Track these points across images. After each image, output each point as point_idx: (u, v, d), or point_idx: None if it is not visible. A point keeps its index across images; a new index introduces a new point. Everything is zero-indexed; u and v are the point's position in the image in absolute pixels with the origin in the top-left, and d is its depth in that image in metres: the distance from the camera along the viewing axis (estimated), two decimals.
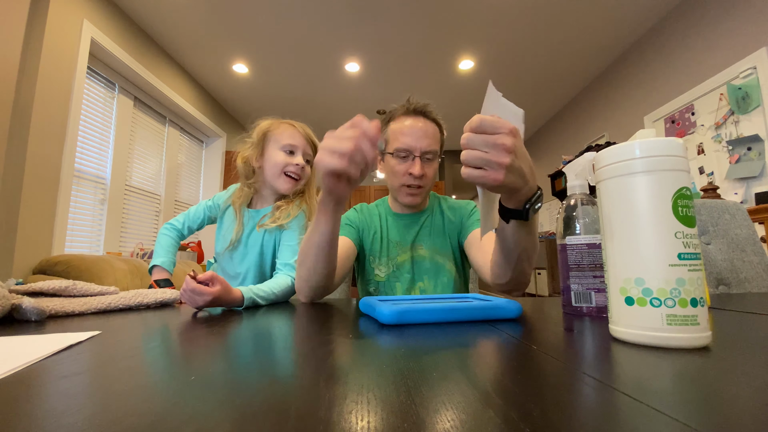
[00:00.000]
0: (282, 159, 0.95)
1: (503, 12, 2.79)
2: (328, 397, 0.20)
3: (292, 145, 0.96)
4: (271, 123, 1.00)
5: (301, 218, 0.98)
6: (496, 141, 0.45)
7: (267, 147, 0.97)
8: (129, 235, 2.90)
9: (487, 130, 0.46)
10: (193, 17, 2.82)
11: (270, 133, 0.98)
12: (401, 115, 0.92)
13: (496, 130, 0.45)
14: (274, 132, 0.97)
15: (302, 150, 0.97)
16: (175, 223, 1.06)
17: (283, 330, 0.45)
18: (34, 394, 0.21)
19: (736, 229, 1.05)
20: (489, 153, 0.46)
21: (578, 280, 0.50)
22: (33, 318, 0.48)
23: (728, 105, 2.30)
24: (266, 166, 0.97)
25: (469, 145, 0.46)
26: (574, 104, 4.17)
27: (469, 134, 0.46)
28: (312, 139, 1.01)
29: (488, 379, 0.23)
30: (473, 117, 0.46)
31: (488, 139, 0.45)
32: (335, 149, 0.49)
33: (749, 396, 0.19)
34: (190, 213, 1.06)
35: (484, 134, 0.46)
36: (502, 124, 0.46)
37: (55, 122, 2.15)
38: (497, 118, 0.46)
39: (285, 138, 0.96)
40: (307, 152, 0.99)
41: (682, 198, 0.31)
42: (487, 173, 0.46)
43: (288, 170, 0.95)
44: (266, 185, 1.00)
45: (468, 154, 0.47)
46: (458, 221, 0.96)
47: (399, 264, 0.93)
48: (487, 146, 0.46)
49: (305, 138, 0.99)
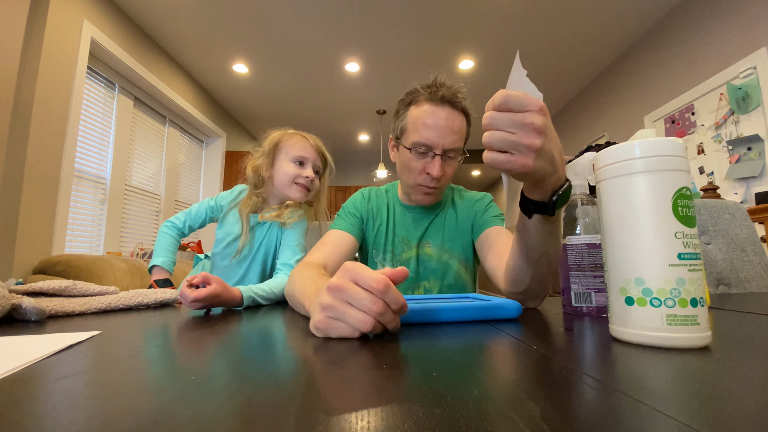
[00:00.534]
0: (292, 170, 0.96)
1: (503, 12, 2.79)
2: (327, 397, 0.20)
3: (303, 157, 0.97)
4: (282, 134, 1.01)
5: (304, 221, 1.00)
6: (524, 120, 0.39)
7: (277, 158, 0.98)
8: (129, 235, 2.89)
9: (513, 107, 0.39)
10: (193, 17, 2.82)
11: (281, 144, 0.99)
12: (425, 101, 0.80)
13: (525, 107, 0.39)
14: (286, 143, 0.99)
15: (312, 162, 0.98)
16: (175, 221, 1.04)
17: (283, 330, 0.45)
18: (34, 394, 0.21)
19: (736, 229, 1.05)
20: (517, 134, 0.39)
21: (578, 280, 0.50)
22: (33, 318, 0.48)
23: (728, 105, 2.30)
24: (276, 176, 0.98)
25: (493, 125, 0.40)
26: (574, 104, 4.16)
27: (492, 113, 0.40)
28: (322, 151, 1.02)
29: (488, 379, 0.23)
30: (497, 93, 0.40)
31: (516, 118, 0.39)
32: (345, 319, 0.35)
33: (749, 396, 0.19)
34: (192, 211, 1.05)
35: (511, 112, 0.39)
36: (531, 100, 0.39)
37: (55, 122, 2.14)
38: (525, 94, 0.40)
39: (296, 150, 0.97)
40: (317, 165, 1.00)
41: (682, 198, 0.31)
42: (515, 158, 0.40)
43: (298, 181, 0.96)
44: (274, 195, 1.01)
45: (492, 135, 0.40)
46: (471, 216, 0.89)
47: (403, 261, 0.89)
48: (514, 126, 0.39)
49: (316, 150, 1.00)
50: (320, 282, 0.50)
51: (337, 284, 0.35)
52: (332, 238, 0.85)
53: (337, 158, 6.36)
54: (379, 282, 0.34)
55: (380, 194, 0.96)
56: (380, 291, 0.34)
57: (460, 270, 0.89)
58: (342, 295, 0.35)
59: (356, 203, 0.94)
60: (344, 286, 0.35)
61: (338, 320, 0.35)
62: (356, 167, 6.59)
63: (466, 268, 0.90)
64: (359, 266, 0.36)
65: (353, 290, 0.35)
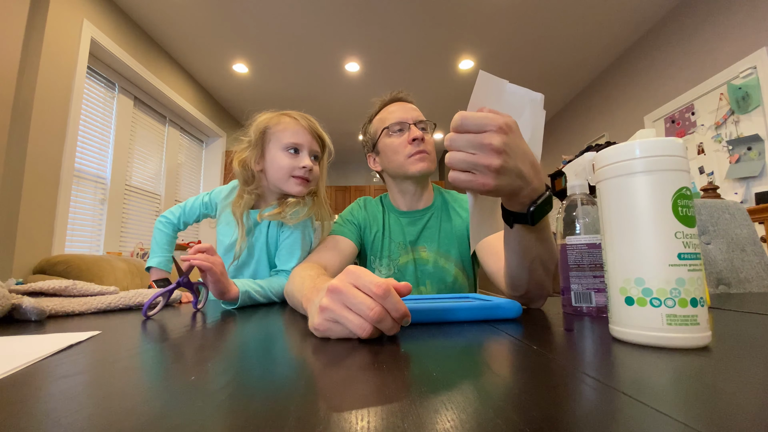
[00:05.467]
0: (287, 162, 0.83)
1: (503, 12, 2.79)
2: (327, 397, 0.20)
3: (297, 143, 0.83)
4: (269, 118, 0.87)
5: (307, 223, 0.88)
6: (482, 141, 0.39)
7: (267, 147, 0.85)
8: (129, 235, 2.89)
9: (470, 128, 0.40)
10: (193, 17, 2.82)
11: (270, 131, 0.85)
12: (381, 107, 0.94)
13: (482, 128, 0.40)
14: (275, 129, 0.85)
15: (308, 148, 0.85)
16: (170, 216, 0.98)
17: (283, 330, 0.45)
18: (34, 394, 0.21)
19: (736, 228, 1.05)
20: (476, 155, 0.40)
21: (578, 280, 0.50)
22: (33, 318, 0.48)
23: (728, 105, 2.30)
24: (269, 170, 0.85)
25: (452, 146, 0.41)
26: (574, 104, 4.16)
27: (452, 134, 0.41)
28: (318, 132, 0.88)
29: (488, 379, 0.23)
30: (456, 114, 0.41)
31: (473, 139, 0.40)
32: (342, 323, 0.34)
33: (749, 396, 0.19)
34: (186, 207, 0.98)
35: (468, 133, 0.40)
36: (490, 120, 0.40)
37: (55, 122, 2.14)
38: (485, 114, 0.40)
39: (288, 136, 0.83)
40: (314, 149, 0.86)
41: (682, 198, 0.31)
42: (475, 177, 0.41)
43: (294, 174, 0.83)
44: (271, 190, 0.88)
45: (453, 156, 0.41)
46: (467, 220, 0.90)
47: (401, 266, 0.90)
48: (473, 147, 0.40)
49: (310, 132, 0.86)
50: (319, 282, 0.50)
51: (337, 287, 0.35)
52: (332, 243, 0.86)
53: (337, 158, 6.34)
54: (379, 286, 0.33)
55: (375, 203, 0.99)
56: (379, 296, 0.33)
57: (457, 274, 0.89)
58: (341, 297, 0.34)
59: (353, 211, 0.96)
60: (344, 289, 0.34)
61: (336, 323, 0.35)
62: (356, 167, 6.59)
63: (464, 271, 0.90)
64: (362, 270, 0.35)
65: (352, 293, 0.34)
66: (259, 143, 0.85)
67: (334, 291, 0.35)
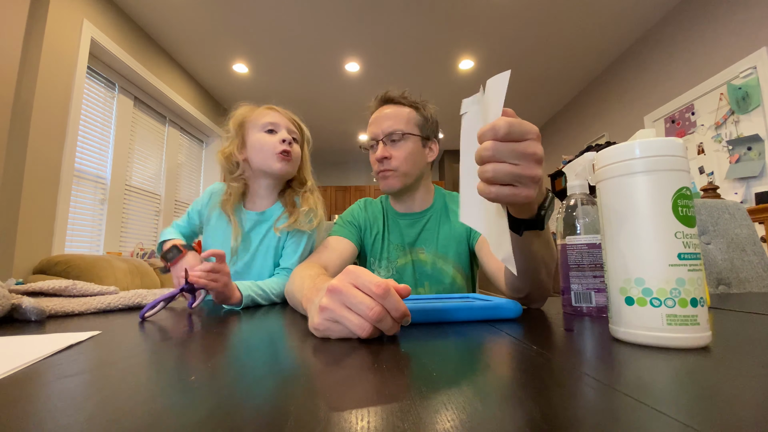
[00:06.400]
0: (266, 140, 0.84)
1: (503, 12, 2.79)
2: (327, 397, 0.20)
3: (273, 123, 0.86)
4: (247, 110, 0.90)
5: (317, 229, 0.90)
6: (526, 150, 0.36)
7: (247, 135, 0.87)
8: (129, 235, 2.89)
9: (515, 137, 0.36)
10: (193, 17, 2.82)
11: (247, 122, 0.88)
12: (373, 110, 0.92)
13: (524, 135, 0.37)
14: (251, 117, 0.88)
15: (285, 127, 0.87)
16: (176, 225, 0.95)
17: (283, 330, 0.45)
18: (34, 394, 0.21)
19: (736, 228, 1.05)
20: (520, 165, 0.37)
21: (578, 280, 0.50)
22: (33, 318, 0.48)
23: (728, 105, 2.30)
24: (251, 154, 0.86)
25: (495, 156, 0.37)
26: (574, 104, 4.16)
27: (494, 143, 0.36)
28: (294, 119, 0.91)
29: (488, 379, 0.23)
30: (497, 121, 0.36)
31: (517, 148, 0.36)
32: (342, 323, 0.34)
33: (749, 396, 0.19)
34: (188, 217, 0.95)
35: (513, 142, 0.36)
36: (530, 128, 0.37)
37: (55, 122, 2.14)
38: (520, 120, 0.37)
39: (263, 118, 0.86)
40: (292, 129, 0.88)
41: (682, 198, 0.31)
42: (518, 190, 0.37)
43: (275, 150, 0.84)
44: (258, 179, 0.89)
45: (497, 169, 0.36)
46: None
47: (400, 268, 0.90)
48: (516, 157, 0.37)
49: (285, 116, 0.89)
50: (319, 282, 0.50)
51: (336, 286, 0.34)
52: (332, 244, 0.87)
53: (337, 158, 6.36)
54: (379, 286, 0.33)
55: (376, 204, 0.99)
56: (379, 295, 0.33)
57: (456, 276, 0.88)
58: (341, 297, 0.34)
59: (354, 213, 0.96)
60: (343, 289, 0.34)
61: (336, 323, 0.35)
62: (356, 167, 6.58)
63: (462, 273, 0.90)
64: (362, 270, 0.35)
65: (352, 293, 0.34)
66: (239, 134, 0.89)
67: (333, 291, 0.35)
